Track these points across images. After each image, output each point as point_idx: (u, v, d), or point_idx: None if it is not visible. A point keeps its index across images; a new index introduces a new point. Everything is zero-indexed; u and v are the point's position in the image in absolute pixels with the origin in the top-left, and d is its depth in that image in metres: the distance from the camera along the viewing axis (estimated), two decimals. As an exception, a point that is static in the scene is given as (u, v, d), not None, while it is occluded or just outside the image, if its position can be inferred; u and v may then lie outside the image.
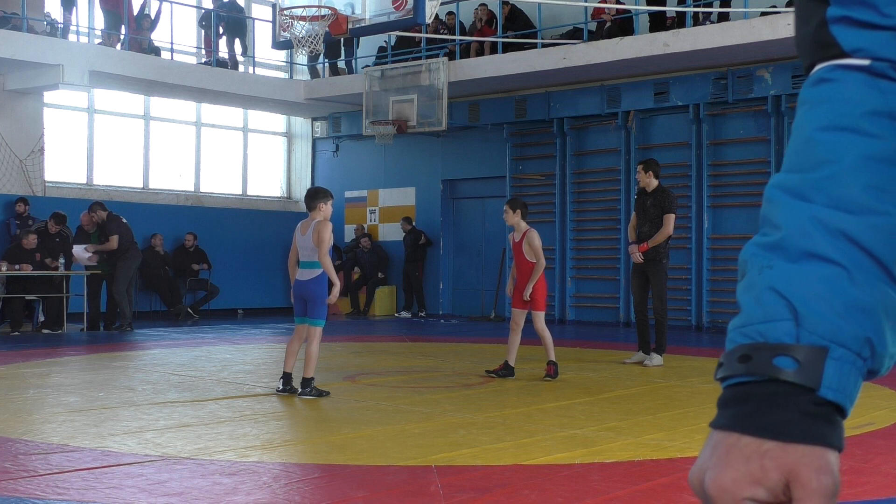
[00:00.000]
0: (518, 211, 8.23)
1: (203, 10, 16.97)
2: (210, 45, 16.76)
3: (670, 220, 9.15)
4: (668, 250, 9.31)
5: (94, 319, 13.49)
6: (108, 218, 13.42)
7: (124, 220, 13.54)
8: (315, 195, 7.25)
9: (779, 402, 0.80)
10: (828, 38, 0.89)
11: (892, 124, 0.85)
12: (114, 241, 13.18)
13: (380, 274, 17.18)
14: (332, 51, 17.33)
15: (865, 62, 0.87)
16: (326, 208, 7.16)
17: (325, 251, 7.02)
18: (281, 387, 7.15)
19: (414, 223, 17.05)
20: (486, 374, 8.40)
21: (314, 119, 18.94)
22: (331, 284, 7.24)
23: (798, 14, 0.93)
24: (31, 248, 12.91)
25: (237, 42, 17.33)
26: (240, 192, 18.64)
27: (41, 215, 13.87)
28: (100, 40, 15.35)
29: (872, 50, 0.87)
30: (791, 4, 10.50)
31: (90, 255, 13.22)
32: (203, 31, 16.94)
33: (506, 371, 8.28)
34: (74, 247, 13.17)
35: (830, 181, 0.84)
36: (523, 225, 8.24)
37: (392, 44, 17.01)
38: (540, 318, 8.21)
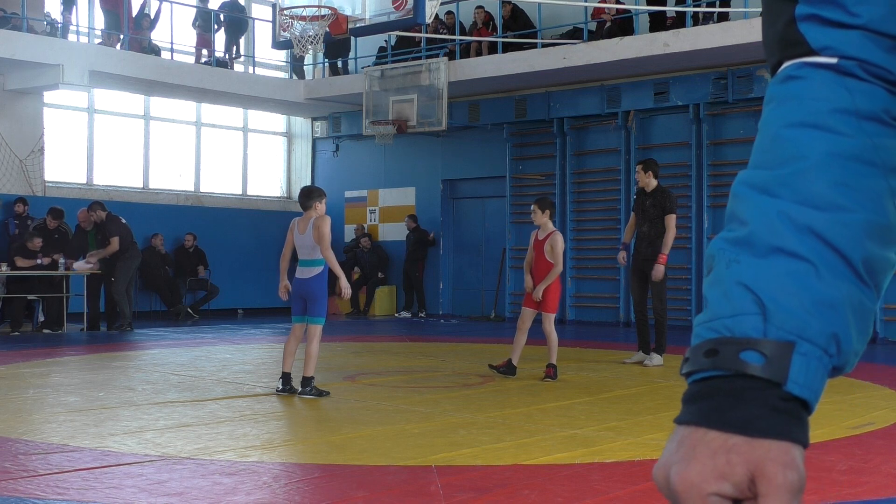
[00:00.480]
0: (547, 211, 8.30)
1: (196, 10, 16.89)
2: (204, 45, 16.72)
3: (672, 220, 9.16)
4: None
5: (94, 319, 13.49)
6: (108, 219, 13.41)
7: (123, 221, 13.53)
8: (310, 194, 7.26)
9: (745, 396, 0.79)
10: (796, 35, 0.89)
11: (859, 122, 0.86)
12: (115, 243, 13.18)
13: (380, 274, 17.18)
14: (332, 51, 17.34)
15: (833, 60, 0.88)
16: (321, 207, 7.18)
17: (327, 245, 7.03)
18: (280, 387, 7.16)
19: (418, 222, 17.00)
20: (489, 369, 8.41)
21: (314, 119, 18.95)
22: (334, 278, 7.24)
23: (766, 13, 0.94)
24: (36, 251, 12.92)
25: (237, 41, 17.33)
26: (240, 192, 18.64)
27: (41, 215, 13.86)
28: (100, 40, 15.35)
29: (840, 48, 0.87)
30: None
31: (92, 264, 13.23)
32: (196, 31, 16.87)
33: (507, 369, 8.29)
34: (75, 263, 13.19)
35: (798, 177, 0.84)
36: (550, 226, 8.30)
37: (392, 44, 17.01)
38: (550, 320, 8.24)
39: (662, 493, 0.81)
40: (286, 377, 7.16)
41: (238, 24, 17.31)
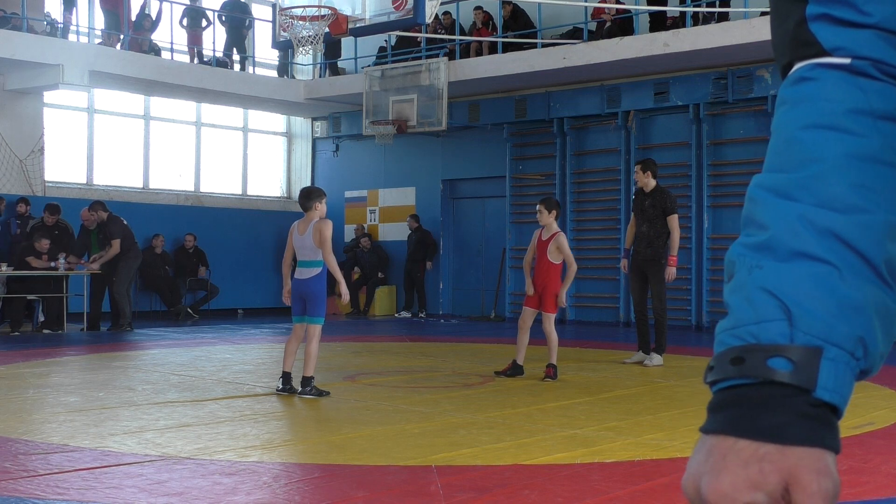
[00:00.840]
0: (553, 211, 8.29)
1: (184, 8, 16.82)
2: (195, 42, 16.68)
3: (675, 220, 9.17)
4: (667, 250, 9.31)
5: (94, 319, 13.49)
6: (109, 220, 13.42)
7: (125, 222, 13.55)
8: (310, 195, 7.27)
9: (774, 404, 0.78)
10: (807, 36, 0.88)
11: (874, 122, 0.85)
12: (116, 245, 13.21)
13: (380, 274, 17.18)
14: (329, 52, 17.34)
15: (846, 61, 0.86)
16: (322, 207, 7.18)
17: (329, 249, 7.04)
18: (280, 386, 7.16)
19: (421, 223, 16.95)
20: (493, 375, 8.37)
21: (314, 119, 18.95)
22: (333, 281, 7.25)
23: (775, 12, 0.93)
24: (43, 251, 12.91)
25: (242, 42, 17.31)
26: (240, 192, 18.64)
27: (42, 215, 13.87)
28: (100, 40, 15.35)
29: (852, 48, 0.86)
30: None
31: (95, 268, 13.25)
32: (186, 30, 16.79)
33: (514, 371, 8.28)
34: (76, 266, 13.26)
35: (816, 180, 0.83)
36: (555, 226, 8.29)
37: (392, 44, 17.01)
38: (550, 320, 8.22)
39: (691, 502, 0.80)
40: (286, 377, 7.17)
41: (240, 24, 17.28)
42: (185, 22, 16.72)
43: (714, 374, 0.83)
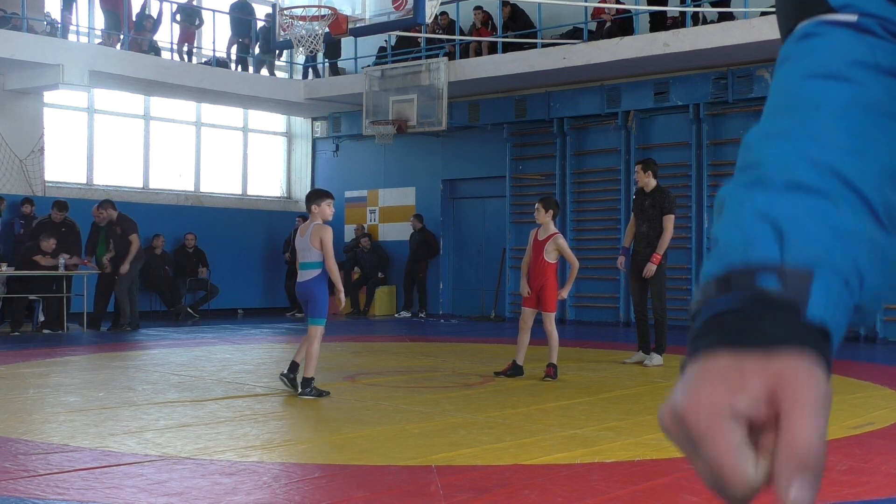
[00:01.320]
0: (550, 211, 8.27)
1: (178, 6, 16.80)
2: (187, 40, 16.67)
3: (670, 221, 9.15)
4: (666, 250, 9.31)
5: (95, 319, 13.49)
6: (120, 218, 13.47)
7: (133, 221, 13.61)
8: (310, 197, 7.31)
9: (763, 319, 0.71)
10: None
11: (878, 76, 0.83)
12: (136, 240, 13.31)
13: (380, 274, 17.17)
14: (331, 51, 17.34)
15: (852, 17, 0.85)
16: (321, 209, 7.16)
17: (331, 255, 7.04)
18: (285, 371, 7.16)
19: (424, 223, 16.91)
20: (493, 376, 8.36)
21: (314, 119, 18.95)
22: (332, 286, 7.26)
23: None
24: (49, 251, 12.91)
25: (251, 43, 17.30)
26: (240, 192, 18.64)
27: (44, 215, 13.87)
28: (100, 40, 15.35)
29: (859, 5, 0.85)
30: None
31: (126, 269, 13.27)
32: (180, 26, 16.76)
33: (514, 371, 8.27)
34: (88, 264, 13.34)
35: (815, 122, 0.81)
36: (552, 227, 8.27)
37: (392, 44, 17.01)
38: (551, 319, 8.22)
39: (669, 435, 0.71)
40: (293, 365, 7.15)
41: (246, 25, 17.27)
42: (178, 18, 16.69)
43: (698, 301, 0.77)
